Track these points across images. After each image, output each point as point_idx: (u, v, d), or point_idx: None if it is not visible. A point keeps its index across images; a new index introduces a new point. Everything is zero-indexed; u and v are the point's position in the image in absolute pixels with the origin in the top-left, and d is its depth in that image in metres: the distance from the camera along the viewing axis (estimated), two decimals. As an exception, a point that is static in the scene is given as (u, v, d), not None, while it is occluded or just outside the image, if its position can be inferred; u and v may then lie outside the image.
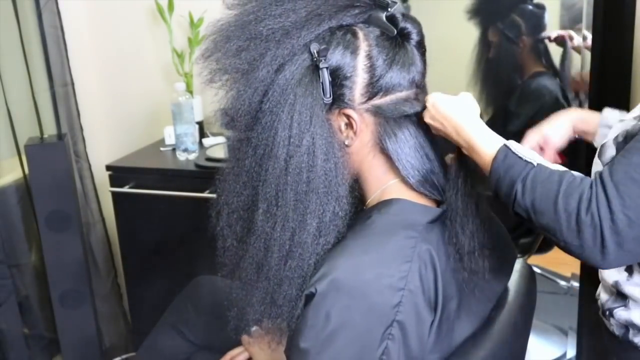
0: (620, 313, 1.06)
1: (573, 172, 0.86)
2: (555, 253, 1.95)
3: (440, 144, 1.01)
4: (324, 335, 0.84)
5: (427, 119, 0.95)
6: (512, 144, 0.89)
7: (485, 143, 0.90)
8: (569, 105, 1.72)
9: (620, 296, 1.06)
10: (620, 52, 1.55)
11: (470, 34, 1.73)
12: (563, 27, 1.69)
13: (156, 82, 2.36)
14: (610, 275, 1.06)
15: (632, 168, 0.81)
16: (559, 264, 2.19)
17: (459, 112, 0.93)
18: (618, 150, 0.98)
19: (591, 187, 0.82)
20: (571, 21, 1.66)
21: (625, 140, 0.97)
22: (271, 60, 0.91)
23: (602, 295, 1.12)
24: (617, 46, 1.55)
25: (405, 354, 0.87)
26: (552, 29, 1.70)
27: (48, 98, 2.18)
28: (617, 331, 1.08)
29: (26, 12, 2.10)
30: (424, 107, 0.96)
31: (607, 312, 1.09)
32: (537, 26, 1.69)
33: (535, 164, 0.86)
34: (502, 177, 0.87)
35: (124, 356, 2.35)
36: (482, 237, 0.99)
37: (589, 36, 1.55)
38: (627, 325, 1.05)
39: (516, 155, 0.87)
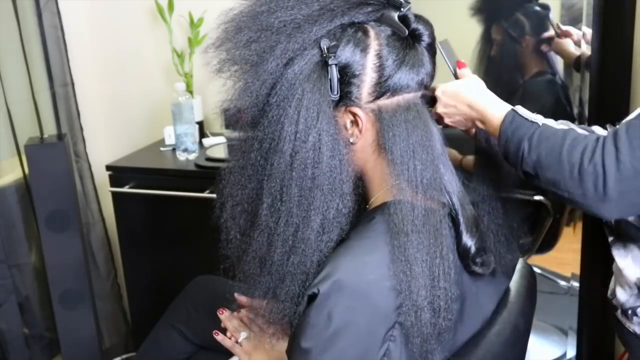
0: None
1: (578, 129, 0.91)
2: (556, 253, 1.95)
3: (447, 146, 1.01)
4: (326, 336, 0.84)
5: (440, 109, 0.99)
6: (518, 108, 0.94)
7: (496, 110, 0.96)
8: (571, 105, 1.71)
9: None
10: (620, 52, 1.55)
11: (472, 32, 1.72)
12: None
13: (156, 82, 2.36)
14: (634, 272, 1.05)
15: None
16: (559, 264, 2.19)
17: (468, 88, 0.99)
18: None
19: (597, 140, 0.86)
20: (571, 21, 1.65)
21: None
22: (281, 54, 0.90)
23: (620, 295, 1.10)
24: (617, 46, 1.54)
25: (407, 355, 0.87)
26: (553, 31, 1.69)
27: (48, 98, 2.18)
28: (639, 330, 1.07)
29: (26, 12, 2.10)
30: (434, 101, 0.99)
31: (630, 311, 1.07)
32: (540, 26, 1.68)
33: (541, 124, 0.91)
34: (510, 138, 0.92)
35: (124, 356, 2.35)
36: (485, 239, 0.98)
37: (588, 32, 1.55)
38: None
39: (522, 117, 0.92)
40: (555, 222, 1.71)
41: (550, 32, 1.64)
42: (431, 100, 1.00)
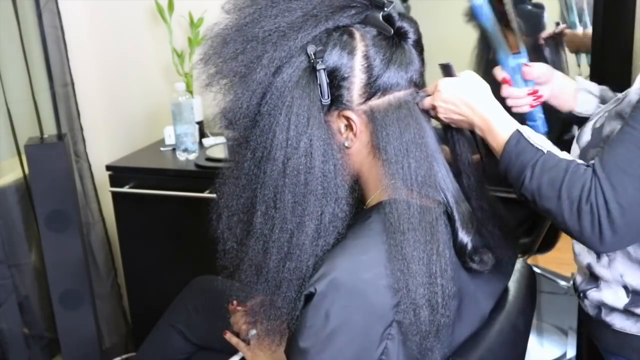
0: (593, 294, 1.07)
1: (579, 161, 0.90)
2: (555, 253, 1.95)
3: (441, 145, 1.01)
4: (324, 335, 0.85)
5: (438, 102, 0.96)
6: (524, 129, 0.93)
7: (500, 124, 0.94)
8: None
9: (593, 278, 1.07)
10: (620, 52, 1.55)
11: (470, 34, 1.72)
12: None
13: (156, 82, 2.36)
14: (584, 257, 1.08)
15: (619, 159, 0.86)
16: (559, 264, 2.19)
17: (474, 91, 0.97)
18: (593, 136, 1.02)
19: (592, 178, 0.87)
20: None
21: (602, 128, 1.00)
22: (268, 63, 0.91)
23: (577, 278, 1.13)
24: (617, 46, 1.54)
25: (405, 354, 0.87)
26: (552, 29, 1.69)
27: (48, 98, 2.18)
28: (591, 311, 1.09)
29: (26, 12, 2.10)
30: (427, 95, 0.98)
31: (582, 294, 1.10)
32: (536, 26, 1.68)
33: (545, 152, 0.90)
34: (513, 161, 0.91)
35: (124, 356, 2.35)
36: (482, 237, 0.99)
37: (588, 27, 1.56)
38: (600, 306, 1.07)
39: (528, 141, 0.91)
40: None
41: (549, 32, 1.65)
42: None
